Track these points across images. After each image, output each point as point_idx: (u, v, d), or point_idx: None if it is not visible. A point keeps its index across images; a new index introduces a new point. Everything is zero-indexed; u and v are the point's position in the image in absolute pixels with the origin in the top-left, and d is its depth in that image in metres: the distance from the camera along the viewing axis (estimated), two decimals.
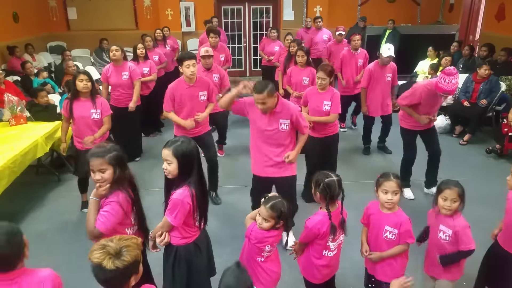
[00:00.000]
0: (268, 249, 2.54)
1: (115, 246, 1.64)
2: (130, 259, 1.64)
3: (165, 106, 4.27)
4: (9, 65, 8.26)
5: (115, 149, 2.41)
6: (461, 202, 2.57)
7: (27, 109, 5.41)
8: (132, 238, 1.73)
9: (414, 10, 11.29)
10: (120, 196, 2.33)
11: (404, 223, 2.55)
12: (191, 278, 2.59)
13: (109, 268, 1.60)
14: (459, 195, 2.55)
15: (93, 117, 4.12)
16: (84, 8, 10.70)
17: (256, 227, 2.52)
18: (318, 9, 10.55)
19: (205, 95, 4.35)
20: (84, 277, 2.57)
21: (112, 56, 5.38)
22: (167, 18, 10.47)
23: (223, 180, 5.07)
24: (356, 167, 5.61)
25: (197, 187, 2.42)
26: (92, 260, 1.62)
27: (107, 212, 2.30)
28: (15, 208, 4.56)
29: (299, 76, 5.43)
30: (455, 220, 2.57)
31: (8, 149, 4.32)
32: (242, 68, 11.39)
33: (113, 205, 2.30)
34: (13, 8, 9.19)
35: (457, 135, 6.59)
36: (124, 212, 2.35)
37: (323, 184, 2.51)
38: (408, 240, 2.58)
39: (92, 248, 1.67)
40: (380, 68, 5.57)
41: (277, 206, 2.44)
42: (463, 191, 2.57)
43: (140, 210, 2.50)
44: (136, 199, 2.47)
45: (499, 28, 8.69)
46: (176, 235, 2.52)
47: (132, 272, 1.68)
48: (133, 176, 2.50)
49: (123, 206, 2.33)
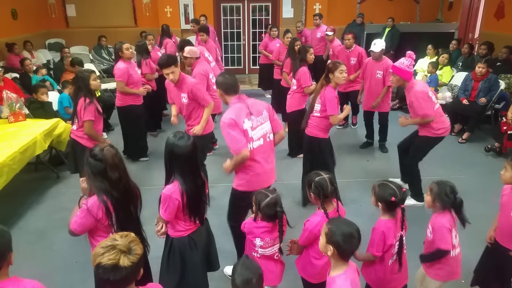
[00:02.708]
0: (259, 243, 2.55)
1: (123, 242, 1.62)
2: (141, 251, 1.65)
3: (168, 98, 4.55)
4: (7, 62, 8.26)
5: (97, 156, 2.29)
6: (434, 199, 2.54)
7: (26, 106, 5.41)
8: (129, 233, 1.71)
9: (413, 8, 11.28)
10: (92, 202, 2.28)
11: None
12: (185, 270, 2.63)
13: (126, 266, 1.57)
14: (430, 189, 2.57)
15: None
16: (83, 5, 10.67)
17: (250, 219, 2.55)
18: (318, 6, 10.54)
19: (185, 97, 4.26)
20: (82, 274, 2.58)
21: (130, 55, 5.31)
22: (166, 15, 10.45)
23: (222, 177, 5.08)
24: (355, 165, 5.61)
25: (189, 184, 2.45)
26: (106, 263, 1.55)
27: (77, 215, 2.31)
28: (14, 205, 4.55)
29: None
30: (435, 218, 2.57)
31: (7, 146, 4.31)
32: (241, 66, 11.38)
33: (83, 209, 2.29)
34: (12, 5, 9.16)
35: (456, 133, 6.59)
36: (95, 218, 2.28)
37: (314, 183, 2.51)
38: None
39: (96, 253, 1.59)
40: (373, 63, 5.68)
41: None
42: (441, 190, 2.53)
43: (122, 220, 2.34)
44: (121, 207, 2.33)
45: (499, 26, 8.69)
46: (170, 227, 2.61)
47: (141, 265, 1.68)
48: (130, 186, 2.42)
49: (92, 212, 2.26)
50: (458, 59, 8.07)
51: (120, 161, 2.35)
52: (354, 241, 1.97)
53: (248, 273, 1.93)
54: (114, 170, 2.29)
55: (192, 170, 2.50)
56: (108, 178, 2.27)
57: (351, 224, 2.03)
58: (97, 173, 2.27)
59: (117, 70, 5.23)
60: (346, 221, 2.06)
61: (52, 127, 5.04)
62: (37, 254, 3.77)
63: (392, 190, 2.41)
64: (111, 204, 2.28)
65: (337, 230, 1.96)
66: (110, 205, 2.27)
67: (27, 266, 3.58)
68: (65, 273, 3.50)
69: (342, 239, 1.94)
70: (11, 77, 7.01)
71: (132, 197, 2.43)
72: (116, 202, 2.29)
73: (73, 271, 3.48)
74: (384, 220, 2.47)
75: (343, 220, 2.11)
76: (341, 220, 2.11)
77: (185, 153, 2.44)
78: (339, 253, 1.96)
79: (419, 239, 2.76)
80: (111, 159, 2.28)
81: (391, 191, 2.40)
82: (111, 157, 2.28)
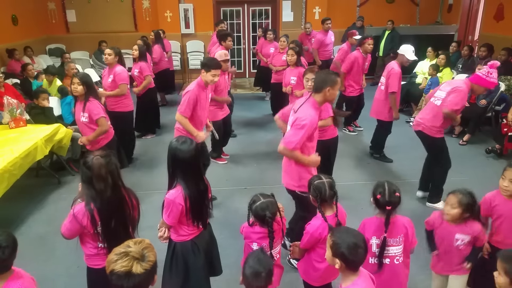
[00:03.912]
0: (256, 248, 2.50)
1: (136, 249, 1.60)
2: (154, 259, 1.64)
3: (186, 111, 4.05)
4: (8, 68, 8.28)
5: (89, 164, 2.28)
6: (464, 210, 2.54)
7: (27, 112, 5.42)
8: (144, 240, 1.70)
9: (413, 11, 11.30)
10: (78, 208, 2.28)
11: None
12: (188, 274, 2.63)
13: (138, 273, 1.55)
14: (460, 202, 2.54)
15: (82, 120, 4.22)
16: (83, 10, 10.70)
17: (247, 224, 2.53)
18: (317, 10, 10.57)
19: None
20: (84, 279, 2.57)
21: (104, 59, 5.45)
22: (166, 20, 10.48)
23: (224, 181, 5.09)
24: (355, 167, 5.61)
25: (192, 189, 2.45)
26: (118, 270, 1.54)
27: (66, 219, 2.32)
28: (15, 211, 4.55)
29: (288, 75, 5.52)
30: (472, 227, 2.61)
31: (8, 152, 4.31)
32: (241, 69, 11.40)
33: (70, 214, 2.30)
34: (12, 11, 9.19)
35: (457, 135, 6.59)
36: (80, 225, 2.27)
37: (313, 186, 2.53)
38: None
39: (110, 260, 1.59)
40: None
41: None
42: (470, 200, 2.54)
43: (108, 231, 2.31)
44: (104, 218, 2.29)
45: (498, 28, 8.70)
46: (173, 231, 2.61)
47: (155, 272, 1.67)
48: (118, 197, 2.37)
49: (77, 218, 2.26)
50: (458, 61, 8.07)
51: (107, 173, 2.28)
52: (360, 251, 1.87)
53: (258, 266, 2.00)
54: (100, 180, 2.26)
55: (195, 174, 2.50)
56: (94, 187, 2.27)
57: (356, 234, 1.95)
58: (86, 180, 2.29)
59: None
60: (349, 231, 1.97)
61: (53, 132, 5.04)
62: (39, 259, 3.77)
63: (382, 189, 2.42)
64: (97, 213, 2.26)
65: (341, 242, 1.87)
66: (96, 214, 2.25)
67: (29, 271, 3.57)
68: (67, 278, 3.50)
69: (348, 251, 1.85)
70: (11, 82, 7.02)
71: (120, 209, 2.36)
72: (100, 212, 2.27)
73: (75, 276, 3.47)
74: (373, 217, 2.50)
75: (347, 229, 2.00)
76: (344, 230, 2.01)
77: (187, 157, 2.44)
78: (347, 265, 1.88)
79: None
80: (97, 169, 2.25)
81: (381, 189, 2.42)
82: (98, 167, 2.25)
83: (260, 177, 5.31)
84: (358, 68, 6.28)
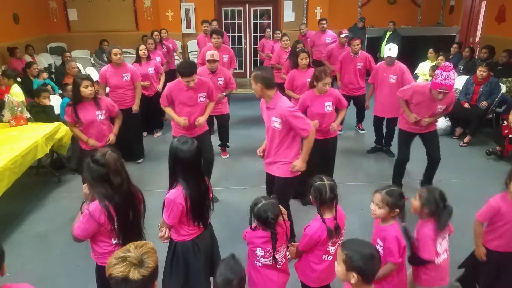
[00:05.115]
0: (260, 252, 2.48)
1: (135, 255, 1.58)
2: (153, 265, 1.61)
3: (162, 101, 4.43)
4: (9, 66, 8.26)
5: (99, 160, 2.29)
6: (423, 205, 2.54)
7: (28, 110, 5.42)
8: (147, 243, 1.67)
9: (414, 12, 11.30)
10: (94, 206, 2.27)
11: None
12: (188, 274, 2.63)
13: (135, 279, 1.54)
14: (419, 194, 2.58)
15: (99, 119, 4.20)
16: (84, 9, 10.70)
17: (250, 229, 2.49)
18: (319, 10, 10.56)
19: (204, 96, 4.40)
20: (83, 278, 2.58)
21: (117, 60, 5.34)
22: (167, 20, 10.48)
23: (224, 181, 5.08)
24: (356, 168, 5.60)
25: (193, 189, 2.45)
26: (116, 276, 1.53)
27: (80, 221, 2.29)
28: (16, 209, 4.55)
29: (303, 79, 5.38)
30: (420, 226, 2.59)
31: (8, 150, 4.32)
32: (242, 69, 11.39)
33: (85, 214, 2.27)
34: (14, 9, 9.19)
35: (458, 137, 6.58)
36: (98, 223, 2.26)
37: (313, 187, 2.52)
38: None
39: (109, 264, 1.58)
40: (385, 68, 5.54)
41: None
42: (430, 196, 2.53)
43: (124, 225, 2.34)
44: (122, 212, 2.32)
45: (500, 30, 8.69)
46: (174, 231, 2.61)
47: (155, 277, 1.64)
48: (131, 191, 2.41)
49: (94, 216, 2.25)
50: (460, 63, 8.07)
51: (122, 165, 2.34)
52: (376, 261, 1.80)
53: (229, 273, 1.89)
54: (117, 175, 2.28)
55: (196, 174, 2.50)
56: (110, 183, 2.27)
57: (367, 244, 1.88)
58: (99, 178, 2.27)
59: (101, 73, 5.51)
60: (360, 242, 1.87)
61: (53, 131, 5.05)
62: (38, 257, 3.77)
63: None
64: (113, 209, 2.27)
65: (355, 254, 1.77)
66: (112, 210, 2.27)
67: (29, 270, 3.59)
68: (67, 277, 3.50)
69: (364, 263, 1.75)
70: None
71: (134, 202, 2.41)
72: (118, 207, 2.28)
73: (75, 275, 3.48)
74: (392, 225, 2.44)
75: (357, 241, 1.89)
76: (354, 242, 1.88)
77: (188, 157, 2.44)
78: (363, 278, 1.77)
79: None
80: (113, 164, 2.27)
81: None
82: (113, 162, 2.28)
83: (260, 177, 5.28)
84: (348, 67, 6.39)
